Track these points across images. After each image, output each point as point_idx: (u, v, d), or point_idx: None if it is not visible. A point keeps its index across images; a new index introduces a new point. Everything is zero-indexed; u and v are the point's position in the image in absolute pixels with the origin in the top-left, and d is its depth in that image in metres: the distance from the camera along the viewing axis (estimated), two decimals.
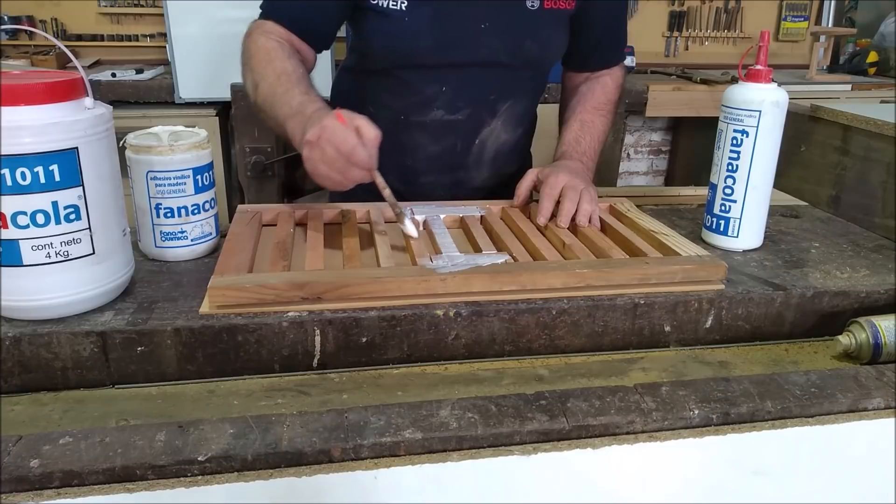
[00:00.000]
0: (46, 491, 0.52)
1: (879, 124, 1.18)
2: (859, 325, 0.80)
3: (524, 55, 1.12)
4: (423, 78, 1.11)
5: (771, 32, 2.20)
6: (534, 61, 1.15)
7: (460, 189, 1.20)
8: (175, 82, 2.35)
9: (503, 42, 1.09)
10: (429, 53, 1.08)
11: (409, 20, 1.05)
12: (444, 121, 1.15)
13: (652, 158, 3.48)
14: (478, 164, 1.21)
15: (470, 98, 1.14)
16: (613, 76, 1.25)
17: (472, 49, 1.09)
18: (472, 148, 1.19)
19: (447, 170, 1.20)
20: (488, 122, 1.17)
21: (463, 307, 0.78)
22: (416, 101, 1.13)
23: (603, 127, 1.21)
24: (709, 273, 0.85)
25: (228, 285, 0.74)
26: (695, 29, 3.35)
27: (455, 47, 1.08)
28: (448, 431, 0.58)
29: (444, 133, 1.16)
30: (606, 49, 1.24)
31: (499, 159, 1.22)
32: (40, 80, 0.69)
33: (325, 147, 0.82)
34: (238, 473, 0.54)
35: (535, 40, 1.11)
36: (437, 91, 1.12)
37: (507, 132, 1.20)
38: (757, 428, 0.63)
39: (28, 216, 0.68)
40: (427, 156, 1.18)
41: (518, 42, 1.10)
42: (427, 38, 1.07)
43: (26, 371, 0.71)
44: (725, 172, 0.97)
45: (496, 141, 1.20)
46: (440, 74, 1.11)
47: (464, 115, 1.15)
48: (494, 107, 1.16)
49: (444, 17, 1.06)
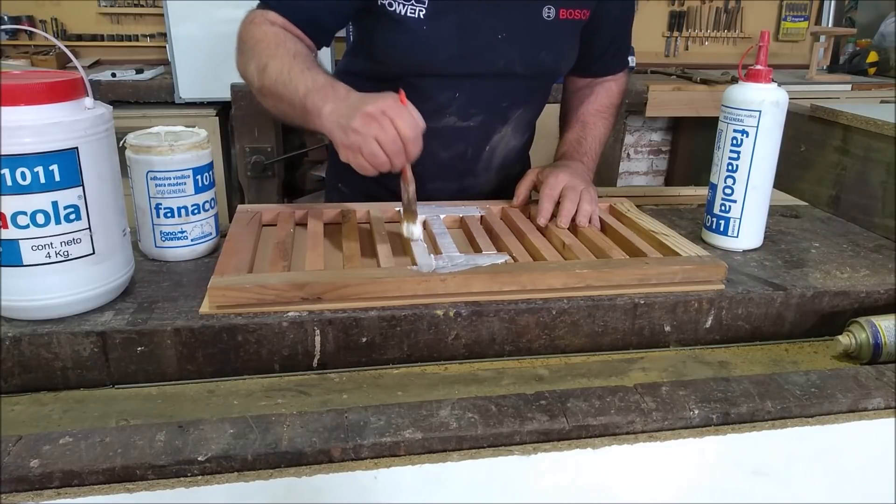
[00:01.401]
0: (46, 491, 0.52)
1: (879, 124, 1.18)
2: (859, 325, 0.80)
3: (539, 66, 1.12)
4: (437, 85, 1.10)
5: (771, 32, 2.20)
6: (548, 72, 1.15)
7: (465, 194, 1.19)
8: (175, 82, 2.35)
9: (520, 53, 1.09)
10: (446, 63, 1.07)
11: (427, 29, 1.03)
12: (457, 127, 1.14)
13: (652, 158, 3.48)
14: (486, 170, 1.20)
15: (483, 105, 1.13)
16: (618, 81, 1.25)
17: (489, 59, 1.08)
18: (483, 154, 1.18)
19: (455, 176, 1.19)
20: (500, 129, 1.17)
21: (463, 307, 0.78)
22: (428, 107, 1.10)
23: (605, 129, 1.21)
24: (709, 273, 0.85)
25: (228, 285, 0.74)
26: (695, 29, 3.35)
27: (472, 57, 1.07)
28: (448, 431, 0.58)
29: (456, 140, 1.15)
30: (612, 57, 1.23)
31: (505, 164, 1.22)
32: (40, 80, 0.69)
33: (386, 125, 0.80)
34: (238, 473, 0.54)
35: (551, 52, 1.11)
36: (450, 98, 1.11)
37: (516, 138, 1.20)
38: (757, 428, 0.63)
39: (28, 216, 0.68)
40: (436, 162, 1.16)
41: (534, 53, 1.10)
42: (446, 48, 1.05)
43: (26, 371, 0.71)
44: (725, 172, 0.97)
45: (506, 147, 1.20)
46: (455, 82, 1.10)
47: (476, 122, 1.14)
48: (506, 114, 1.16)
49: (462, 27, 1.04)
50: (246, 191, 2.51)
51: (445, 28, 1.03)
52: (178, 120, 2.16)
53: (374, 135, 0.80)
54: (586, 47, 1.17)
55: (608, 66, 1.24)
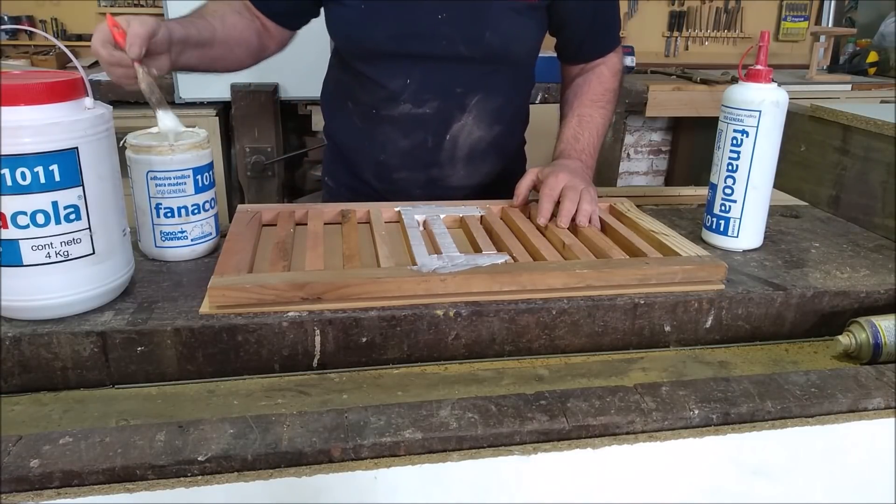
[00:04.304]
0: (46, 491, 0.52)
1: (879, 124, 1.18)
2: (859, 325, 0.80)
3: (485, 48, 1.10)
4: (387, 72, 1.12)
5: (771, 32, 2.20)
6: (498, 55, 1.13)
7: (436, 187, 1.20)
8: (175, 82, 2.36)
9: (461, 34, 1.08)
10: (385, 43, 1.09)
11: (364, 9, 1.07)
12: (412, 114, 1.15)
13: (652, 158, 3.48)
14: (451, 160, 1.20)
15: (436, 91, 1.13)
16: (609, 64, 1.22)
17: (431, 41, 1.08)
18: (444, 143, 1.18)
19: (420, 166, 1.20)
20: (458, 117, 1.16)
21: (463, 307, 0.78)
22: (383, 94, 1.14)
23: (602, 119, 1.19)
24: (709, 273, 0.85)
25: (228, 285, 0.74)
26: (695, 29, 3.35)
27: (412, 38, 1.08)
28: (448, 431, 0.58)
29: (413, 127, 1.16)
30: (596, 37, 1.20)
31: (475, 157, 1.21)
32: (40, 80, 0.69)
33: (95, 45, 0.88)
34: (238, 473, 0.54)
35: (496, 33, 1.09)
36: (402, 84, 1.12)
37: (481, 129, 1.19)
38: (757, 428, 0.63)
39: (28, 216, 0.68)
40: (398, 150, 1.18)
41: (477, 34, 1.09)
42: (383, 28, 1.08)
43: (26, 371, 0.71)
44: (725, 172, 0.97)
45: (469, 137, 1.18)
46: (403, 67, 1.11)
47: (432, 109, 1.14)
48: (463, 101, 1.15)
49: (399, 6, 1.06)
50: (246, 191, 2.51)
51: (383, 8, 1.07)
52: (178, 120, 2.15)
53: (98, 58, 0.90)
54: (567, 32, 1.17)
55: (595, 49, 1.21)
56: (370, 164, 1.21)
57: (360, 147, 1.16)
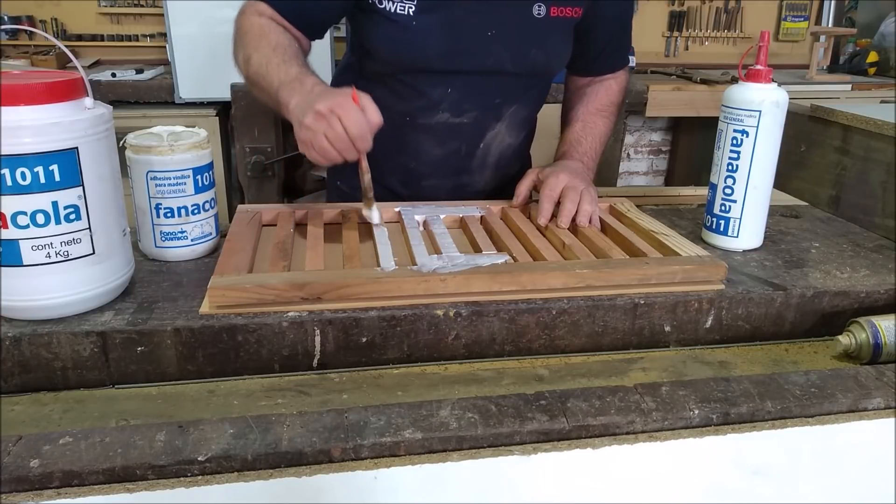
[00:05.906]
0: (46, 491, 0.52)
1: (879, 124, 1.18)
2: (859, 325, 0.80)
3: (530, 64, 1.12)
4: (429, 82, 1.11)
5: (771, 32, 2.20)
6: (540, 70, 1.15)
7: (462, 192, 1.20)
8: (175, 82, 2.36)
9: (509, 51, 1.09)
10: (436, 60, 1.08)
11: (417, 26, 1.04)
12: (450, 124, 1.14)
13: (652, 158, 3.48)
14: (482, 167, 1.21)
15: (476, 102, 1.13)
16: (618, 80, 1.25)
17: (479, 57, 1.08)
18: (477, 152, 1.18)
19: (451, 173, 1.20)
20: (493, 125, 1.17)
21: (463, 307, 0.78)
22: (422, 104, 1.13)
23: (605, 128, 1.21)
24: (709, 273, 0.85)
25: (228, 285, 0.74)
26: (695, 29, 3.35)
27: (462, 55, 1.07)
28: (448, 431, 0.58)
29: (450, 136, 1.16)
30: (611, 55, 1.23)
31: (501, 162, 1.22)
32: (40, 80, 0.68)
33: (333, 123, 0.83)
34: (238, 473, 0.54)
35: (542, 49, 1.11)
36: (442, 94, 1.12)
37: (511, 136, 1.20)
38: (757, 428, 0.63)
39: (28, 216, 0.68)
40: (431, 159, 1.18)
41: (525, 51, 1.10)
42: (435, 45, 1.06)
43: (26, 371, 0.71)
44: (725, 172, 0.97)
45: (500, 144, 1.20)
46: (447, 79, 1.11)
47: (469, 119, 1.14)
48: (500, 111, 1.16)
49: (451, 24, 1.05)
50: (246, 191, 2.51)
51: (434, 25, 1.04)
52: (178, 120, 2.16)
53: (322, 131, 0.84)
54: (584, 46, 1.17)
55: (607, 65, 1.23)
56: (398, 171, 1.20)
57: (386, 154, 1.11)
